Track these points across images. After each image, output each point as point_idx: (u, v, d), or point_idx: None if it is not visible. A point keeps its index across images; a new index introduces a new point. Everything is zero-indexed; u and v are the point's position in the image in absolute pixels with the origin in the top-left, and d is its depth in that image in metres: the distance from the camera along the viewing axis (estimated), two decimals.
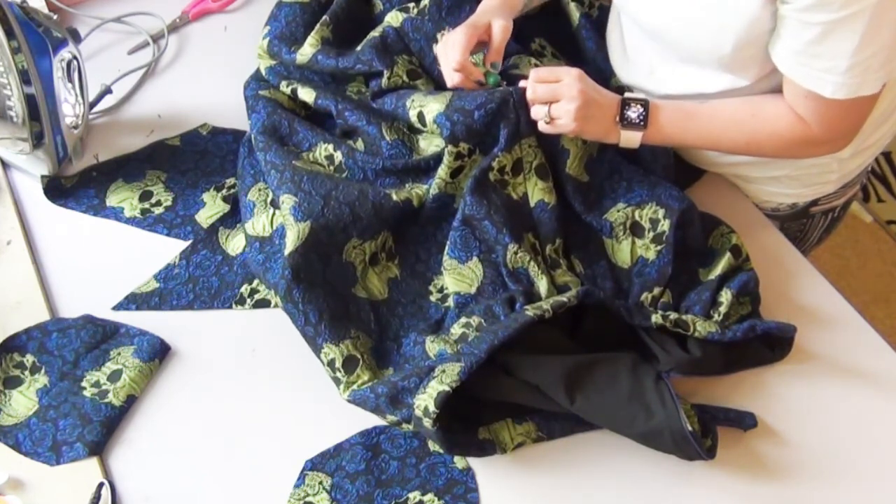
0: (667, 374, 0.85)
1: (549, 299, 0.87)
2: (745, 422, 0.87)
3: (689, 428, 0.80)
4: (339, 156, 1.03)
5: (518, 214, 0.94)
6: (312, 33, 1.11)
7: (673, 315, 0.87)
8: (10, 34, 0.97)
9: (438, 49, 0.99)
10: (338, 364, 0.88)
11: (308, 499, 0.83)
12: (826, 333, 0.95)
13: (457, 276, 0.93)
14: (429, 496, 0.83)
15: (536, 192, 0.96)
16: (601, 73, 1.12)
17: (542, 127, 0.92)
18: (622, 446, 0.85)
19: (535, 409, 0.87)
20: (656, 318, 0.86)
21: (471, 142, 0.95)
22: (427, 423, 0.80)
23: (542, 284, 0.90)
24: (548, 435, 0.87)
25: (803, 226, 1.14)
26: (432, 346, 0.89)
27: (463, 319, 0.90)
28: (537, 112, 0.92)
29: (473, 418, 0.86)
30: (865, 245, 2.06)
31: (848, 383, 0.91)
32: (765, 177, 1.05)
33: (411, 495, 0.83)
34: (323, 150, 1.05)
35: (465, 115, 0.94)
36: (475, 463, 0.86)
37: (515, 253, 0.91)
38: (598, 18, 1.15)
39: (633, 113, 0.92)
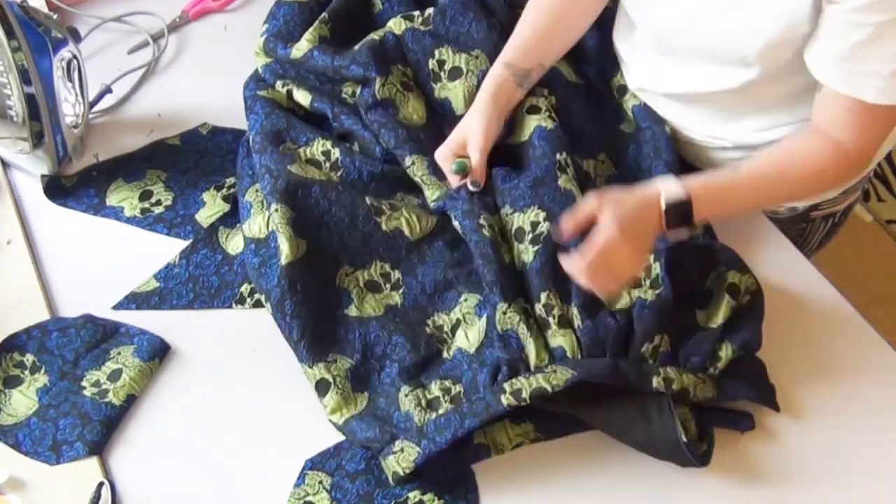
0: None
1: (532, 379, 0.82)
2: (742, 423, 0.87)
3: (684, 439, 0.80)
4: (336, 153, 1.03)
5: (508, 274, 0.91)
6: (311, 30, 1.11)
7: (675, 384, 0.83)
8: (10, 34, 0.97)
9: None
10: (311, 385, 0.88)
11: (308, 498, 0.83)
12: (826, 333, 0.95)
13: (469, 330, 0.91)
14: (429, 496, 0.83)
15: (521, 257, 0.92)
16: (603, 72, 1.12)
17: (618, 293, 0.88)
18: (621, 446, 0.85)
19: (534, 410, 0.87)
20: (658, 384, 0.83)
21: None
22: (391, 483, 0.82)
23: (530, 350, 0.86)
24: (546, 435, 0.87)
25: (803, 230, 1.13)
26: (404, 400, 0.86)
27: (447, 383, 0.87)
28: (608, 290, 0.85)
29: None
30: (865, 245, 2.06)
31: (848, 383, 0.91)
32: None
33: (411, 495, 0.83)
34: (320, 145, 1.04)
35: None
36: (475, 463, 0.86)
37: (504, 313, 0.88)
38: (600, 18, 1.15)
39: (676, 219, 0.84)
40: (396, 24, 1.10)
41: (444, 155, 0.99)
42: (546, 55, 1.03)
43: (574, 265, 0.81)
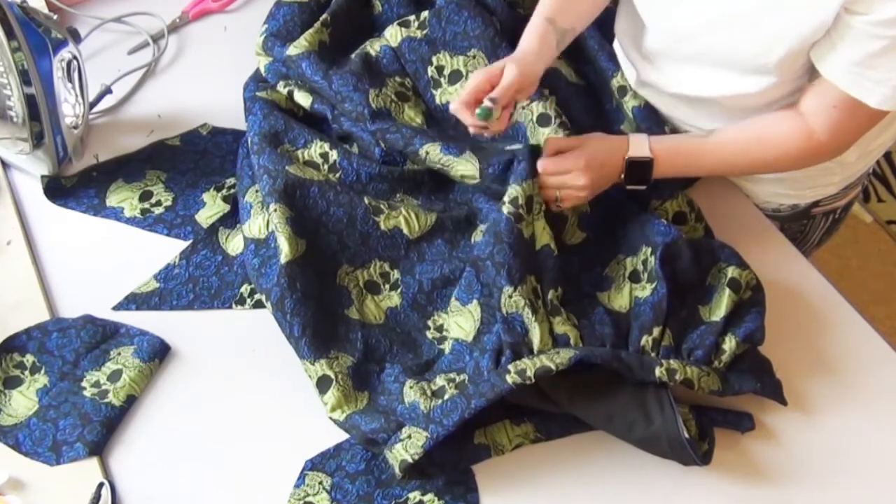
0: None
1: (536, 360, 0.83)
2: (742, 423, 0.87)
3: (686, 436, 0.80)
4: (334, 155, 1.03)
5: (523, 254, 0.90)
6: (310, 32, 1.11)
7: (679, 374, 0.83)
8: (10, 34, 0.97)
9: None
10: (313, 382, 0.88)
11: (308, 499, 0.83)
12: (826, 333, 0.95)
13: (459, 319, 0.92)
14: (429, 496, 0.83)
15: (544, 235, 0.92)
16: (602, 72, 1.13)
17: (553, 207, 0.94)
18: (621, 446, 0.85)
19: (534, 410, 0.87)
20: (661, 374, 0.83)
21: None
22: (398, 474, 0.81)
23: (535, 334, 0.87)
24: (546, 436, 0.87)
25: (804, 227, 1.13)
26: (409, 391, 0.86)
27: (451, 374, 0.87)
28: (548, 197, 0.94)
29: (470, 421, 0.86)
30: (865, 245, 2.06)
31: (847, 384, 0.91)
32: (766, 178, 1.05)
33: (411, 495, 0.83)
34: (318, 147, 1.04)
35: (499, 182, 0.96)
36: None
37: (510, 297, 0.88)
38: (600, 18, 1.15)
39: (634, 174, 0.94)
40: (392, 36, 1.10)
41: (478, 81, 0.90)
42: (580, 17, 1.02)
43: (540, 163, 0.93)
